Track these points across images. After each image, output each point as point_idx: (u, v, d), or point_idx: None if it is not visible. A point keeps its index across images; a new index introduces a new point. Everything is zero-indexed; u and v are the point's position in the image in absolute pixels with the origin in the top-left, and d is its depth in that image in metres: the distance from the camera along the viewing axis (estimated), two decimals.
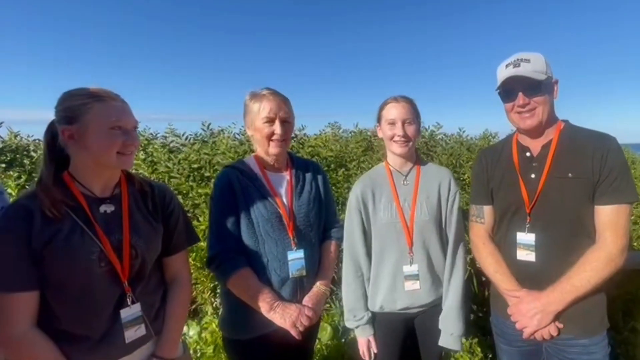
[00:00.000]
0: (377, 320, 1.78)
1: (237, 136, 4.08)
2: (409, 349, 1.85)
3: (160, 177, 3.32)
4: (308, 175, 1.78)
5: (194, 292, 3.02)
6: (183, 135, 3.87)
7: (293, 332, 1.53)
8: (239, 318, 1.61)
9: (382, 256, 1.73)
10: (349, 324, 1.79)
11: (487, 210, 1.67)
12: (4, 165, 3.48)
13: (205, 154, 3.52)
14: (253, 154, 1.78)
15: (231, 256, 1.56)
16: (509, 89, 1.50)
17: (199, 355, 2.69)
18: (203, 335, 2.84)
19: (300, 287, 1.64)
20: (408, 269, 1.70)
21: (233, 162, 1.83)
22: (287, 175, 1.72)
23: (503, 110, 1.59)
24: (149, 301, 1.34)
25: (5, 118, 3.82)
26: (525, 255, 1.53)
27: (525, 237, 1.53)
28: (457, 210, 1.74)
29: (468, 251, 1.97)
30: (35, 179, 1.27)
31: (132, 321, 1.28)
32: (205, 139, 3.98)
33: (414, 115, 1.74)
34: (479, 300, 2.71)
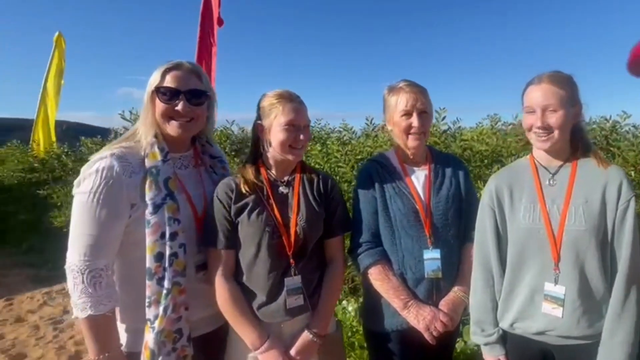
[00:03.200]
0: (507, 341, 1.46)
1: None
2: None
3: (332, 166, 3.77)
4: (448, 171, 1.63)
5: (353, 271, 3.14)
6: (351, 129, 4.28)
7: (427, 336, 1.44)
8: (377, 310, 1.56)
9: (519, 266, 1.40)
10: (475, 338, 1.50)
11: None
12: (233, 153, 4.49)
13: (367, 146, 3.83)
14: (393, 147, 1.73)
15: (371, 247, 1.53)
16: None
17: (354, 331, 2.78)
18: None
19: (436, 289, 1.51)
20: (551, 288, 1.33)
21: (375, 155, 1.81)
22: (425, 169, 1.62)
23: None
24: (308, 277, 1.46)
25: (235, 117, 4.90)
26: None
27: None
28: (631, 222, 1.28)
29: None
30: None
31: (293, 290, 1.42)
32: (369, 133, 4.31)
33: (562, 100, 1.32)
34: None
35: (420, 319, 1.45)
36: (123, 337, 1.37)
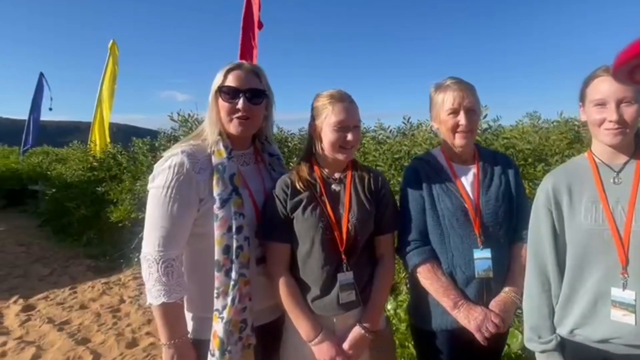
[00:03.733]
0: (565, 349, 1.37)
1: (432, 129, 4.24)
2: None
3: (370, 165, 3.80)
4: (497, 169, 1.60)
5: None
6: (388, 128, 4.29)
7: (478, 336, 1.42)
8: (425, 308, 1.56)
9: (580, 270, 1.30)
10: (531, 345, 1.41)
11: None
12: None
13: (404, 145, 3.82)
14: (440, 145, 1.71)
15: (419, 245, 1.53)
16: None
17: (394, 329, 2.75)
18: (398, 311, 2.92)
19: (486, 290, 1.49)
20: (619, 293, 1.24)
21: (422, 154, 1.78)
22: (474, 168, 1.60)
23: None
24: (359, 273, 1.48)
25: (276, 118, 5.09)
26: None
27: None
28: None
29: None
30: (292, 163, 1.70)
31: (345, 285, 1.44)
32: (406, 132, 4.29)
33: (636, 93, 1.23)
34: None
35: (471, 319, 1.44)
36: (189, 325, 1.43)
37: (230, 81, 1.41)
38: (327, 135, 1.46)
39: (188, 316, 1.44)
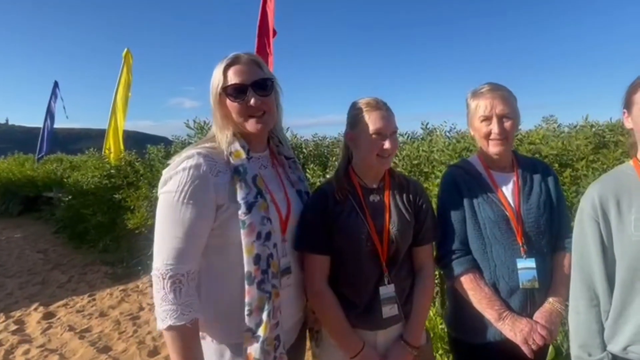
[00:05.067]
0: None
1: (447, 134, 4.19)
2: None
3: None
4: (536, 177, 1.56)
5: None
6: (405, 134, 4.23)
7: (525, 349, 1.36)
8: (467, 319, 1.51)
9: (631, 283, 1.24)
10: None
11: None
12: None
13: (423, 151, 3.76)
14: (476, 152, 1.67)
15: (461, 255, 1.49)
16: None
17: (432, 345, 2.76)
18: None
19: (531, 300, 1.45)
20: None
21: (456, 161, 1.76)
22: (513, 175, 1.55)
23: None
24: (401, 285, 1.43)
25: (290, 124, 5.05)
26: None
27: None
28: None
29: None
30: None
31: (387, 299, 1.38)
32: (423, 137, 4.23)
33: None
34: None
35: (517, 331, 1.39)
36: (208, 357, 1.22)
37: (233, 78, 1.25)
38: (365, 144, 1.41)
39: (205, 346, 1.24)
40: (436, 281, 2.38)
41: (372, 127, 1.39)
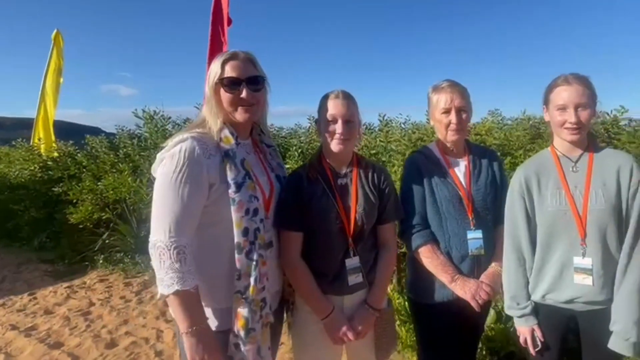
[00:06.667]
0: (538, 312, 1.67)
1: (402, 126, 4.55)
2: (569, 351, 1.69)
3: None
4: (484, 162, 1.85)
5: None
6: (363, 125, 4.52)
7: (473, 304, 1.67)
8: (425, 284, 1.79)
9: (548, 245, 1.61)
10: (511, 312, 1.71)
11: None
12: None
13: (380, 141, 4.06)
14: (434, 140, 1.94)
15: (421, 229, 1.75)
16: None
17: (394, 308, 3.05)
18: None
19: (477, 265, 1.75)
20: (579, 261, 1.55)
21: (411, 150, 2.03)
22: (465, 160, 1.84)
23: None
24: (365, 257, 1.66)
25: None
26: None
27: None
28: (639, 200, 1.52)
29: None
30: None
31: (353, 269, 1.61)
32: (380, 128, 4.55)
33: (589, 99, 1.55)
34: None
35: (466, 289, 1.69)
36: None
37: (229, 72, 1.44)
38: (323, 129, 1.65)
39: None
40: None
41: (327, 114, 1.62)
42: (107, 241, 5.27)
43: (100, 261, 5.14)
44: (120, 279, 4.79)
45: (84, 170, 5.67)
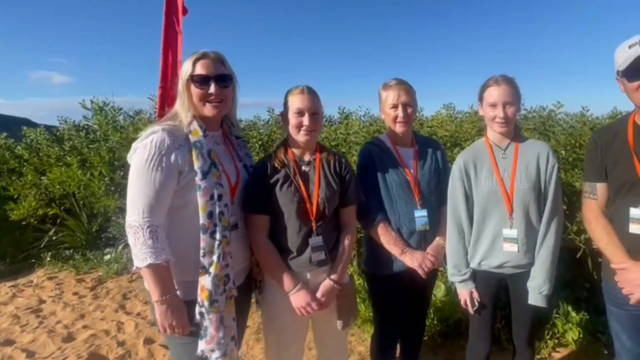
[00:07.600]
0: (475, 277, 2.00)
1: (361, 118, 4.82)
2: (502, 307, 2.17)
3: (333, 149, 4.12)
4: (430, 151, 2.15)
5: None
6: (323, 118, 4.74)
7: (420, 272, 1.95)
8: (379, 257, 2.06)
9: (483, 220, 1.93)
10: (453, 278, 2.03)
11: (600, 187, 1.75)
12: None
13: (340, 133, 4.30)
14: (386, 132, 2.21)
15: (374, 211, 2.01)
16: (638, 67, 1.55)
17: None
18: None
19: (424, 240, 2.04)
20: (508, 232, 1.87)
21: (370, 139, 2.27)
22: (412, 149, 2.13)
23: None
24: (327, 237, 1.87)
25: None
26: (638, 229, 1.64)
27: (639, 212, 1.63)
28: (555, 181, 1.86)
29: (564, 222, 2.08)
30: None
31: (316, 247, 1.82)
32: (340, 121, 4.79)
33: (515, 97, 1.87)
34: (594, 281, 2.87)
35: (414, 260, 1.98)
36: None
37: (200, 70, 1.62)
38: (290, 121, 1.83)
39: None
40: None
41: (293, 107, 1.81)
42: (54, 238, 5.15)
43: (48, 258, 5.02)
44: (71, 276, 4.73)
45: (25, 164, 5.46)
